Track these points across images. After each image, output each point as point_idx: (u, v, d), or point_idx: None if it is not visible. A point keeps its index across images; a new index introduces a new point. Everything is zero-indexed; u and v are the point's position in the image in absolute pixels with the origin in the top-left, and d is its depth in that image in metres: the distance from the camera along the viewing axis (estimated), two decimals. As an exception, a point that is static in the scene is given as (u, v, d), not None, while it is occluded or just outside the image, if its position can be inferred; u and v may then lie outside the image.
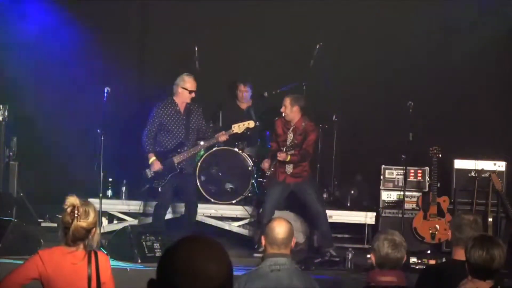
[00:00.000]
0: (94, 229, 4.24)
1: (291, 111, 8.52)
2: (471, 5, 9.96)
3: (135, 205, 9.43)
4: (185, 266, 2.21)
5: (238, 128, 8.53)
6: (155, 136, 8.47)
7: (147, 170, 8.46)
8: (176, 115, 8.47)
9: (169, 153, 8.43)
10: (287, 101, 8.54)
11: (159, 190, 8.58)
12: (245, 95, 9.87)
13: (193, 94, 8.49)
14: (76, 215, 4.16)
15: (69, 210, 4.19)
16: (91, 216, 4.22)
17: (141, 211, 9.37)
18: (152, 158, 8.39)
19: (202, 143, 8.65)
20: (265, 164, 8.74)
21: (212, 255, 2.25)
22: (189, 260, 2.21)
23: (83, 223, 4.18)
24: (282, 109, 8.56)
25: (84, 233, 4.20)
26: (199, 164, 9.24)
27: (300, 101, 8.58)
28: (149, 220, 9.17)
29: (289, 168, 8.60)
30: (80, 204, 4.20)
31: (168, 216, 9.10)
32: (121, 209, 9.50)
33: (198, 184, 9.23)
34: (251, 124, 8.58)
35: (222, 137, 8.48)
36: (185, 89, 8.45)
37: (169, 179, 8.43)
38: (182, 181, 8.54)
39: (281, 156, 8.46)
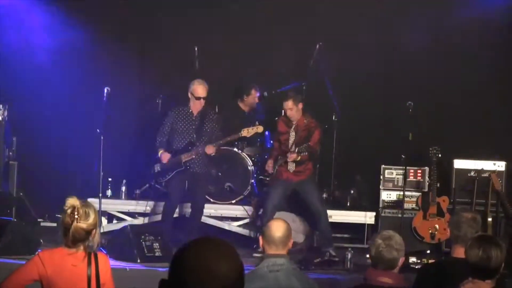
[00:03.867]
0: (94, 230, 4.23)
1: (297, 110, 8.51)
2: (471, 5, 9.96)
3: (135, 205, 9.44)
4: (197, 265, 2.22)
5: (247, 132, 8.60)
6: (168, 138, 8.64)
7: (156, 165, 8.60)
8: (188, 117, 8.62)
9: (179, 152, 8.52)
10: (290, 103, 8.45)
11: (163, 185, 8.67)
12: (255, 100, 9.87)
13: (201, 101, 8.56)
14: (76, 216, 4.16)
15: (69, 211, 4.18)
16: (91, 218, 4.20)
17: (141, 211, 9.37)
18: (161, 151, 8.57)
19: (203, 147, 8.60)
20: (269, 166, 8.71)
21: (223, 255, 2.27)
22: (200, 260, 2.23)
23: (83, 224, 4.17)
24: (289, 113, 8.51)
25: (84, 235, 4.20)
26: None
27: (300, 97, 8.59)
28: (149, 220, 9.19)
29: (292, 166, 8.59)
30: (80, 205, 4.19)
31: (174, 215, 9.13)
32: (120, 209, 9.50)
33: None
34: (259, 129, 8.65)
35: (209, 149, 8.49)
36: (192, 95, 8.56)
37: (174, 175, 8.49)
38: (190, 180, 8.56)
39: (291, 157, 8.44)
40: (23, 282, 4.19)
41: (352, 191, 9.71)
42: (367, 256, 7.94)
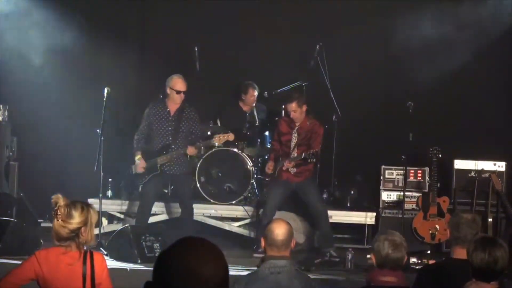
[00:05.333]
0: (82, 228, 4.21)
1: (301, 112, 8.49)
2: (471, 5, 9.95)
3: (136, 206, 9.41)
4: (181, 267, 2.21)
5: (218, 139, 8.53)
6: (147, 136, 8.53)
7: (133, 166, 8.54)
8: (164, 116, 8.50)
9: (156, 153, 8.47)
10: (294, 105, 8.42)
11: (140, 188, 8.60)
12: (254, 99, 9.85)
13: (181, 95, 8.45)
14: (56, 214, 4.16)
15: (54, 208, 4.19)
16: (75, 218, 4.18)
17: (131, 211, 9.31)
18: (138, 156, 8.49)
19: (184, 148, 8.49)
20: (269, 168, 8.71)
21: (207, 256, 2.25)
22: (184, 261, 2.22)
23: (63, 223, 4.17)
24: (292, 115, 8.49)
25: (67, 232, 4.19)
26: (198, 164, 9.25)
27: (304, 99, 8.56)
28: (149, 220, 9.18)
29: (292, 168, 8.58)
30: (63, 204, 4.19)
31: (167, 216, 9.15)
32: (121, 209, 9.49)
33: (198, 185, 9.24)
34: (230, 137, 8.57)
35: (191, 149, 8.45)
36: (172, 89, 8.44)
37: (150, 179, 8.45)
38: (173, 182, 8.52)
39: (287, 165, 8.45)
40: (20, 282, 4.20)
41: (352, 192, 9.70)
42: (368, 256, 7.97)
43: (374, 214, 9.25)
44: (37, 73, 9.91)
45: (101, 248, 7.82)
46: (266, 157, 9.19)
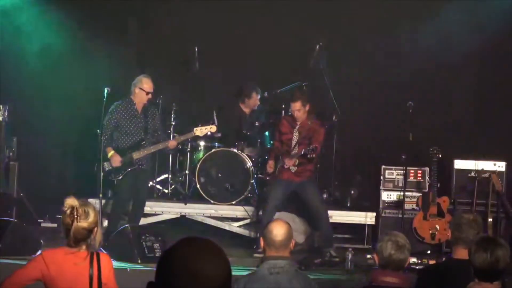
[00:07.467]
0: (95, 228, 4.24)
1: (304, 111, 8.49)
2: (472, 5, 9.96)
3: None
4: (184, 267, 2.20)
5: (200, 131, 8.62)
6: (111, 133, 8.52)
7: (105, 163, 8.46)
8: (133, 114, 8.54)
9: (127, 150, 8.47)
10: (299, 104, 8.41)
11: (115, 183, 8.55)
12: (257, 103, 9.86)
13: (150, 96, 8.57)
14: (75, 216, 4.16)
15: (68, 211, 4.19)
16: (91, 216, 4.22)
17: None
18: (111, 152, 8.45)
19: (165, 142, 8.62)
20: (270, 167, 8.70)
21: (210, 256, 2.24)
22: (187, 261, 2.21)
23: (83, 223, 4.19)
24: (296, 114, 8.48)
25: (86, 234, 4.21)
26: (198, 165, 9.25)
27: (307, 99, 8.56)
28: (149, 220, 9.19)
29: (293, 167, 8.58)
30: (79, 205, 4.21)
31: (166, 216, 9.15)
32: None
33: (198, 185, 9.24)
34: (213, 129, 8.65)
35: (172, 143, 8.61)
36: (142, 89, 8.51)
37: (126, 174, 8.46)
38: (137, 177, 8.55)
39: (289, 163, 8.45)
40: (25, 282, 4.19)
41: (352, 192, 9.71)
42: (368, 256, 7.98)
43: (374, 214, 9.25)
44: (37, 73, 9.91)
45: (101, 248, 7.81)
46: (266, 157, 9.19)
